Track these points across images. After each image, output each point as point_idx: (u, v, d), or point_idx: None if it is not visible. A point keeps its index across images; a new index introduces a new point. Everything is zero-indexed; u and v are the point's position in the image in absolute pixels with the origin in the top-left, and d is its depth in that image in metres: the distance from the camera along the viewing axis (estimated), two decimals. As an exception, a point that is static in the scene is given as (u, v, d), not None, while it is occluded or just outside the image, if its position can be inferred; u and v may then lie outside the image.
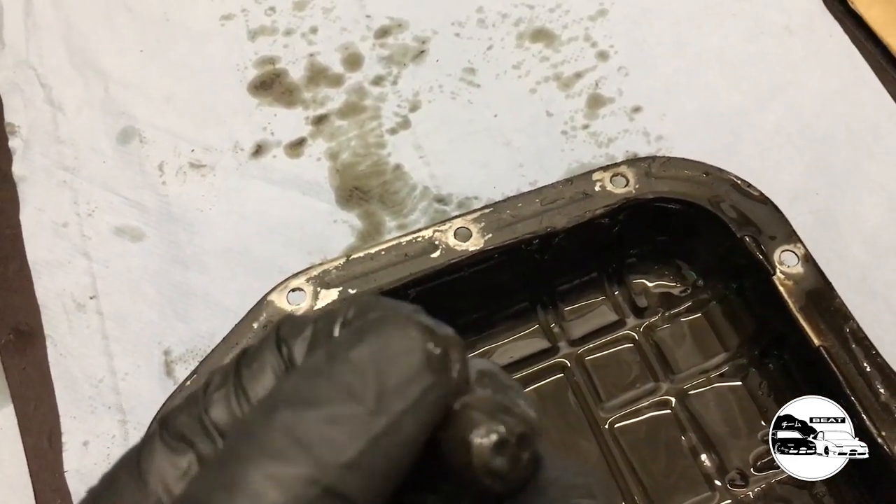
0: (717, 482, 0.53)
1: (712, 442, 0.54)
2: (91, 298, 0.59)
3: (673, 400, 0.55)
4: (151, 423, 0.24)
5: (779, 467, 0.52)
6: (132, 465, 0.23)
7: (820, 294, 0.50)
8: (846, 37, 0.67)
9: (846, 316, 0.50)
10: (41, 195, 0.63)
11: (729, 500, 0.52)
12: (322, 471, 0.19)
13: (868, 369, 0.48)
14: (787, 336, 0.51)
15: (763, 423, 0.54)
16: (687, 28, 0.68)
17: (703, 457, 0.53)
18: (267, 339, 0.24)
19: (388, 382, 0.20)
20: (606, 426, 0.54)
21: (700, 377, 0.55)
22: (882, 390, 0.47)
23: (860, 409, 0.47)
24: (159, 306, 0.58)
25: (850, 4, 0.68)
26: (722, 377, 0.55)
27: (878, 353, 0.48)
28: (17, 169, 0.64)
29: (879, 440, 0.46)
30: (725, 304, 0.57)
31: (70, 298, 0.59)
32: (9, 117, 0.66)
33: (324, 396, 0.20)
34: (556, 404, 0.55)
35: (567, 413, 0.55)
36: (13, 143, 0.65)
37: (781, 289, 0.51)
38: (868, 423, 0.46)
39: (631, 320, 0.57)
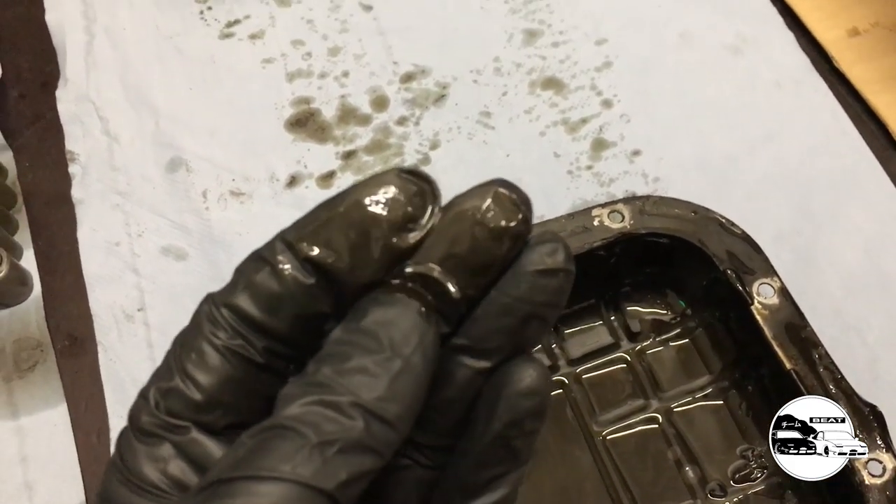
0: (699, 492, 0.58)
1: (695, 455, 0.59)
2: (139, 310, 0.65)
3: (660, 416, 0.60)
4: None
5: (755, 480, 0.58)
6: (116, 472, 0.27)
7: (792, 323, 0.56)
8: (830, 92, 0.73)
9: (815, 343, 0.55)
10: (96, 216, 0.69)
11: (709, 508, 0.57)
12: (363, 401, 0.25)
13: (833, 391, 0.53)
14: (763, 360, 0.57)
15: (742, 439, 0.59)
16: (685, 80, 0.75)
17: (687, 469, 0.59)
18: (196, 329, 0.28)
19: (395, 336, 0.26)
20: (600, 438, 0.60)
21: (686, 396, 0.61)
22: (846, 409, 0.53)
23: (824, 426, 0.52)
24: (200, 319, 0.65)
25: (835, 64, 0.74)
26: (706, 397, 0.61)
27: (843, 378, 0.54)
28: (76, 192, 0.70)
29: (842, 455, 0.52)
30: (710, 330, 0.62)
31: (120, 310, 0.65)
32: (69, 145, 0.73)
33: (350, 354, 0.25)
34: (554, 418, 0.60)
35: (564, 426, 0.60)
36: (73, 168, 0.72)
37: (758, 318, 0.56)
38: (831, 439, 0.52)
39: (625, 343, 0.63)
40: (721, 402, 0.61)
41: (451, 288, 0.27)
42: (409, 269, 0.27)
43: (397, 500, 0.30)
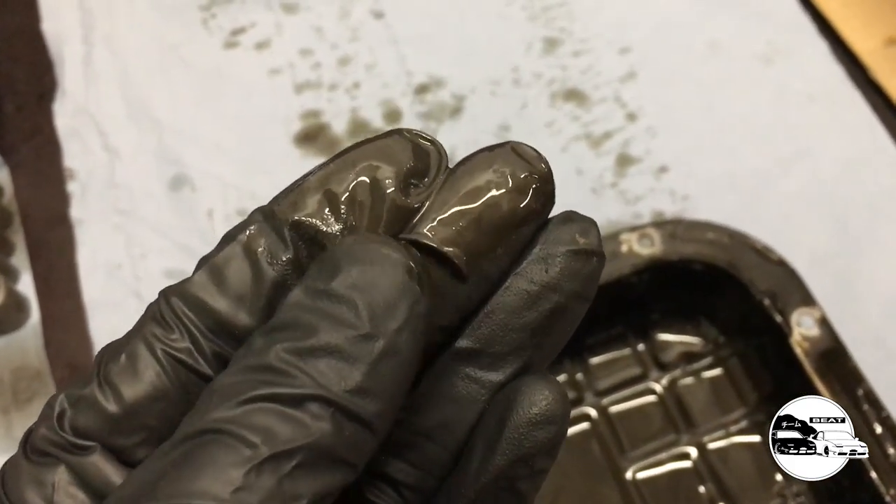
0: (734, 533, 0.55)
1: (730, 494, 0.56)
2: (142, 337, 0.62)
3: (693, 452, 0.57)
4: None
5: (793, 521, 0.55)
6: None
7: (835, 356, 0.53)
8: (867, 105, 0.70)
9: (859, 378, 0.52)
10: (96, 237, 0.66)
11: (745, 551, 0.54)
12: (332, 395, 0.19)
13: (879, 430, 0.50)
14: (802, 395, 0.54)
15: (778, 477, 0.56)
16: (713, 93, 0.71)
17: (721, 507, 0.56)
18: (135, 328, 0.23)
19: (377, 304, 0.20)
20: (629, 475, 0.56)
21: (719, 430, 0.58)
22: (891, 450, 0.50)
23: (870, 467, 0.49)
24: (206, 347, 0.62)
25: (871, 75, 0.71)
26: (741, 431, 0.58)
27: (888, 416, 0.51)
28: (75, 211, 0.67)
29: (888, 498, 0.48)
30: (745, 361, 0.59)
31: (122, 337, 0.62)
32: (68, 162, 0.70)
33: (315, 327, 0.20)
34: (580, 453, 0.57)
35: (591, 462, 0.57)
36: (71, 186, 0.68)
37: (798, 350, 0.53)
38: (877, 481, 0.49)
39: (654, 374, 0.60)
40: (757, 438, 0.58)
41: (455, 259, 0.22)
42: (403, 236, 0.23)
43: None
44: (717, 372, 0.60)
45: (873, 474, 0.49)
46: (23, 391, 0.61)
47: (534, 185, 0.23)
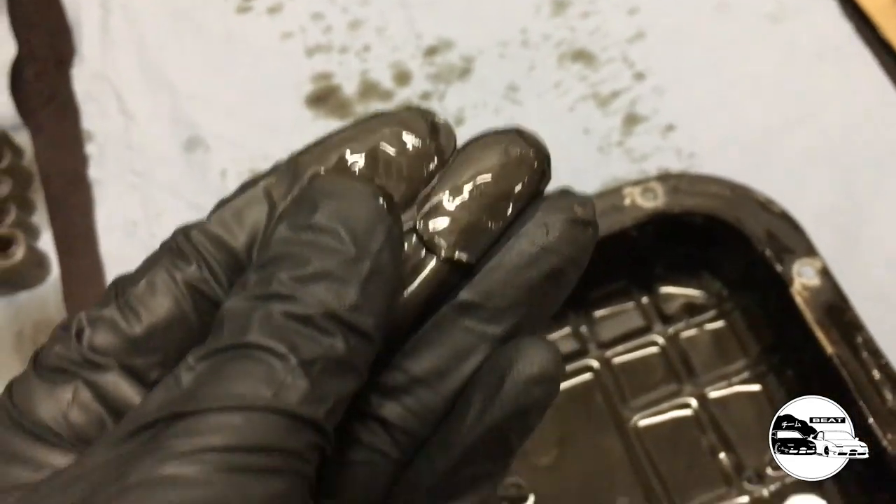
0: (734, 480, 0.56)
1: (731, 442, 0.56)
2: (157, 293, 0.64)
3: (694, 401, 0.58)
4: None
5: (794, 468, 0.56)
6: (3, 413, 0.22)
7: (835, 306, 0.53)
8: (875, 62, 0.70)
9: (859, 326, 0.52)
10: (114, 197, 0.68)
11: (745, 497, 0.55)
12: (336, 312, 0.21)
13: (877, 376, 0.51)
14: (803, 344, 0.54)
15: (780, 426, 0.57)
16: (721, 51, 0.72)
17: (722, 455, 0.56)
18: (152, 259, 0.25)
19: (357, 230, 0.22)
20: (631, 424, 0.57)
21: (721, 381, 0.58)
22: (890, 396, 0.50)
23: (868, 413, 0.50)
24: (219, 302, 0.63)
25: (880, 33, 0.70)
26: (742, 381, 0.58)
27: (887, 363, 0.51)
28: (93, 172, 0.69)
29: (885, 443, 0.49)
30: (747, 313, 0.60)
31: (138, 292, 0.64)
32: (86, 124, 0.71)
33: (307, 256, 0.22)
34: (584, 404, 0.58)
35: (594, 412, 0.58)
36: (89, 148, 0.70)
37: (798, 299, 0.54)
38: (875, 427, 0.49)
39: (657, 326, 0.60)
40: (758, 387, 0.58)
41: (465, 260, 0.25)
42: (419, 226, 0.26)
43: (354, 499, 0.25)
44: (719, 324, 0.60)
45: (871, 420, 0.50)
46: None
47: (537, 161, 0.27)
